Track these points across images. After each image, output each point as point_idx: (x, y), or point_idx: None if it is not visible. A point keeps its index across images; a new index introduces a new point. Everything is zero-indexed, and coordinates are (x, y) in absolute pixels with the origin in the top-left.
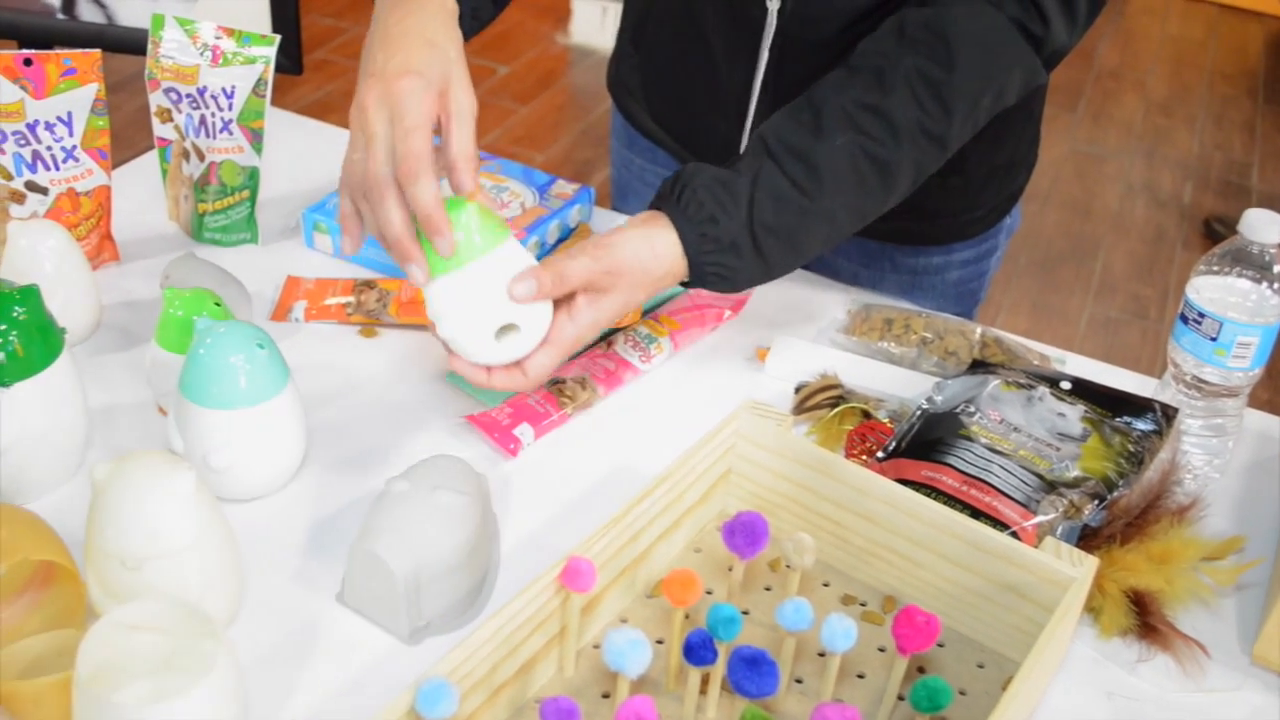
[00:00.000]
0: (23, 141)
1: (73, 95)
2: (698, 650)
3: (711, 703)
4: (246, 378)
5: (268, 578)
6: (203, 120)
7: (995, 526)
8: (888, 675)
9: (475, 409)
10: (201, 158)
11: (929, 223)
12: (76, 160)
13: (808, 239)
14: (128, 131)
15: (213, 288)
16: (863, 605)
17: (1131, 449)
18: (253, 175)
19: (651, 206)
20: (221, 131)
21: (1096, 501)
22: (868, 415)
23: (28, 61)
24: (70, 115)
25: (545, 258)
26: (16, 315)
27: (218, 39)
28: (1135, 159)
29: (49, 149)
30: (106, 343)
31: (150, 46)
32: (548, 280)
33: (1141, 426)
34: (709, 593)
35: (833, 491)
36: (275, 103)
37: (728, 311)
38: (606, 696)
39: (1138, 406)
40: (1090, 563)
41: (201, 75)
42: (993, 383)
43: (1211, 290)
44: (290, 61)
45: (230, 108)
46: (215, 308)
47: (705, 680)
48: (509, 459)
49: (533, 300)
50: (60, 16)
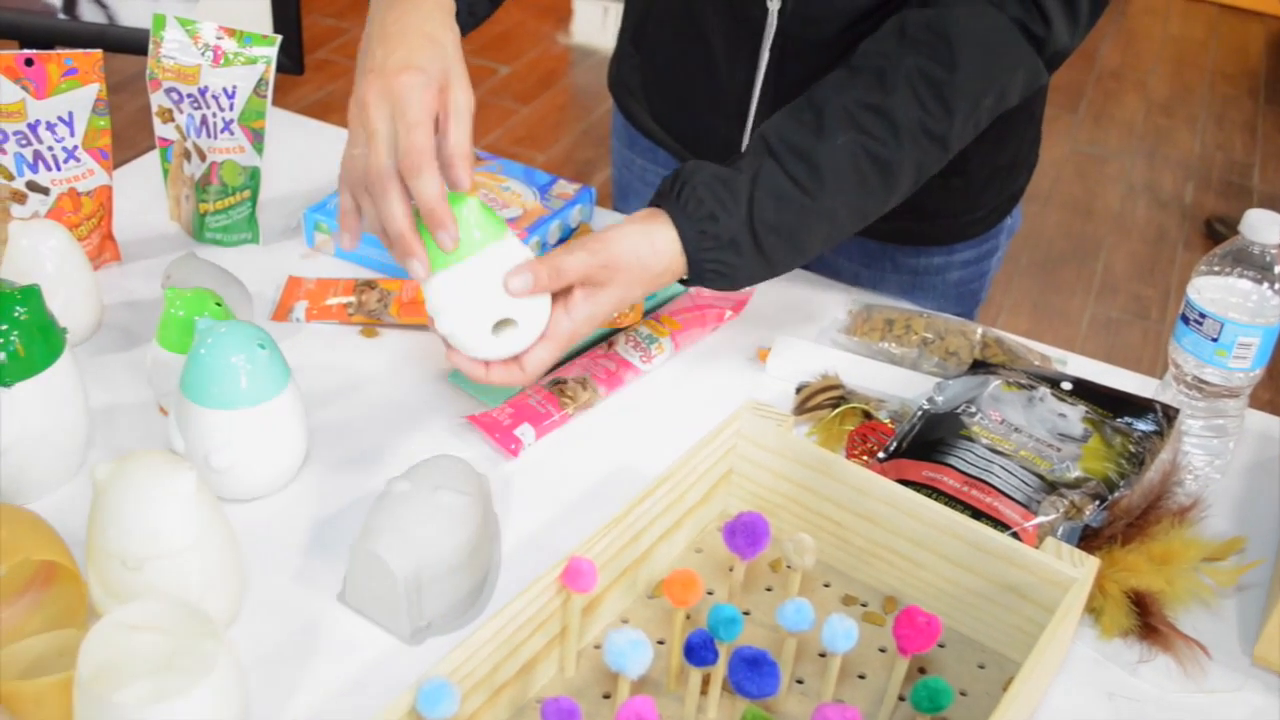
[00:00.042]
0: (24, 141)
1: (74, 95)
2: (699, 651)
3: (712, 703)
4: (247, 378)
5: (269, 578)
6: (204, 120)
7: (996, 527)
8: (888, 676)
9: (476, 409)
10: (203, 158)
11: (930, 223)
12: (78, 160)
13: (808, 237)
14: (129, 131)
15: (214, 288)
16: (864, 606)
17: (1132, 449)
18: (254, 175)
19: (651, 203)
20: (223, 131)
21: (1097, 502)
22: (869, 416)
23: (29, 61)
24: (71, 115)
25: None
26: (18, 315)
27: (219, 39)
28: (1136, 159)
29: (50, 149)
30: (108, 343)
31: (151, 46)
32: (544, 274)
33: (1142, 427)
34: (710, 593)
35: (834, 492)
36: (276, 103)
37: (729, 312)
38: (607, 697)
39: (1139, 407)
40: (1091, 563)
41: (203, 75)
42: (994, 383)
43: (1213, 291)
44: (291, 61)
45: (231, 108)
46: (216, 308)
47: (706, 681)
48: (510, 459)
49: (529, 294)
50: (61, 16)
